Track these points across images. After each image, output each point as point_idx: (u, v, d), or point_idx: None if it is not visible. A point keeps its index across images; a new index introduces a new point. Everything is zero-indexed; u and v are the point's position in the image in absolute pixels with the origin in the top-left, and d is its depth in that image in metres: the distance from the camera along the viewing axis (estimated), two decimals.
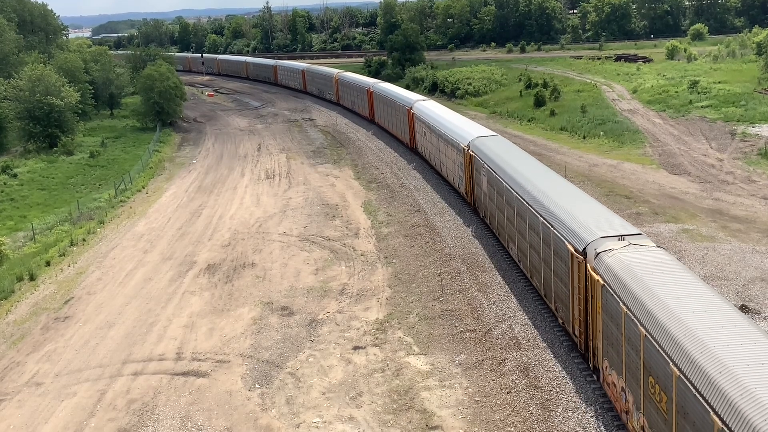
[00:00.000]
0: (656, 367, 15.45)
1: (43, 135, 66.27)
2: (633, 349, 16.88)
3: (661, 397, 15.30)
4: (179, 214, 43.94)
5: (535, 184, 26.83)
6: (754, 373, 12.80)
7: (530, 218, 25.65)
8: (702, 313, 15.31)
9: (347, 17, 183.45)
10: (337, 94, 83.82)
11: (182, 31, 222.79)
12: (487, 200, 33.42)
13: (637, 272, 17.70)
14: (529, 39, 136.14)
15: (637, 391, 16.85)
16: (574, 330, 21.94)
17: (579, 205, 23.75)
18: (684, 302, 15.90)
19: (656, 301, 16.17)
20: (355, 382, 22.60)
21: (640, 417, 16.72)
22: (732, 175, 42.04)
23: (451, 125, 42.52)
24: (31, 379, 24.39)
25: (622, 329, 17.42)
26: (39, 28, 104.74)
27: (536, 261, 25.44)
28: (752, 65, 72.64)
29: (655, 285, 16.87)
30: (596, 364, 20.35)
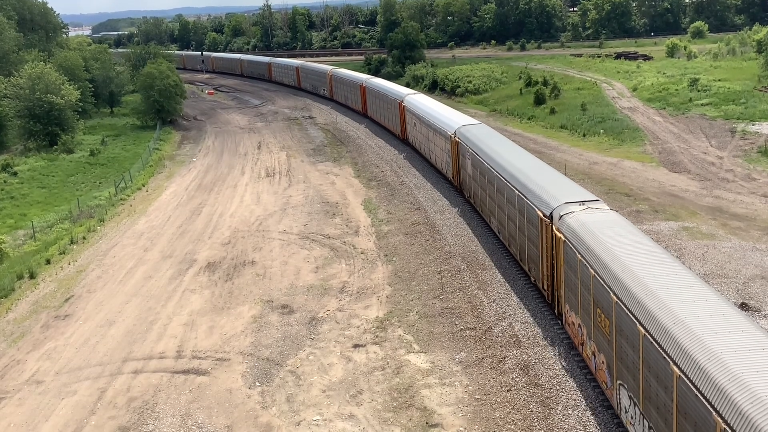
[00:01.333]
0: (601, 299, 18.93)
1: (44, 133, 66.25)
2: (585, 289, 20.21)
3: (605, 323, 18.83)
4: (179, 212, 43.95)
5: (512, 163, 30.28)
6: (667, 293, 16.38)
7: (508, 192, 29.01)
8: (637, 255, 18.76)
9: (347, 15, 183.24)
10: (331, 89, 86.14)
11: (182, 29, 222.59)
12: (471, 182, 36.70)
13: (591, 228, 21.02)
14: (530, 37, 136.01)
15: (588, 324, 20.31)
16: (543, 285, 25.14)
17: (548, 178, 27.39)
18: (624, 248, 19.26)
19: (603, 248, 19.61)
20: (356, 380, 22.62)
21: (592, 344, 20.12)
22: (732, 172, 42.03)
23: (439, 115, 45.71)
24: (32, 378, 24.41)
25: (578, 275, 20.74)
26: (39, 26, 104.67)
27: (513, 230, 28.84)
28: (752, 63, 72.58)
29: (604, 236, 20.24)
30: (560, 310, 23.58)
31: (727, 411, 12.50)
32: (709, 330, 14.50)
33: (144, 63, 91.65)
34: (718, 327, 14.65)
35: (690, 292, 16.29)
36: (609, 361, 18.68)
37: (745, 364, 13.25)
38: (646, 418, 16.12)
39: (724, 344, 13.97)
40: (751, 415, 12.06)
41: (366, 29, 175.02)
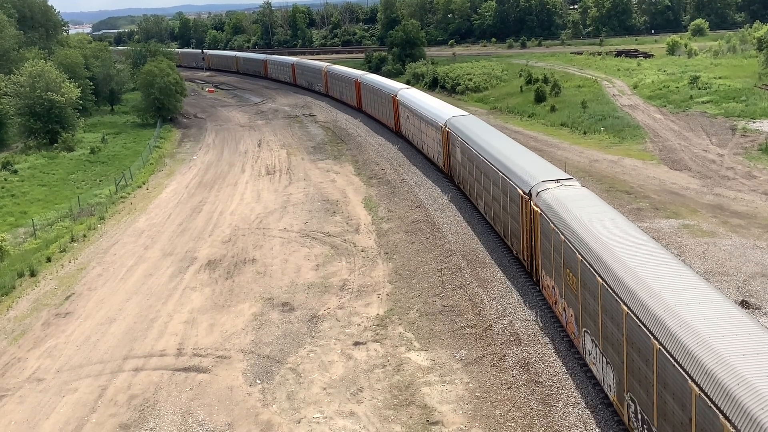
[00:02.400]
0: (570, 260, 21.60)
1: (44, 131, 66.22)
2: (557, 254, 22.96)
3: (572, 280, 21.49)
4: (180, 210, 43.95)
5: (497, 149, 33.07)
6: (621, 249, 19.15)
7: (493, 175, 31.74)
8: (600, 222, 21.44)
9: (347, 13, 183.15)
10: (326, 85, 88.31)
11: (182, 27, 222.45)
12: (460, 168, 39.33)
13: (563, 201, 23.70)
14: (530, 34, 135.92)
15: (560, 284, 23.01)
16: (523, 255, 28.02)
17: (528, 161, 30.23)
18: (590, 216, 21.98)
19: (572, 217, 22.26)
20: (356, 377, 22.63)
21: (563, 301, 22.92)
22: (733, 170, 42.01)
23: (430, 108, 48.37)
24: (33, 375, 24.43)
25: (552, 242, 23.57)
26: (39, 24, 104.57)
27: (497, 209, 31.55)
28: (753, 60, 72.52)
29: (574, 208, 22.86)
30: (538, 277, 26.27)
31: (659, 331, 15.42)
32: (650, 275, 17.35)
33: (144, 61, 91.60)
34: (655, 268, 17.67)
35: (641, 248, 19.20)
36: (576, 313, 21.42)
37: (663, 284, 16.76)
38: (604, 355, 19.13)
39: (661, 283, 16.76)
40: (665, 321, 15.40)
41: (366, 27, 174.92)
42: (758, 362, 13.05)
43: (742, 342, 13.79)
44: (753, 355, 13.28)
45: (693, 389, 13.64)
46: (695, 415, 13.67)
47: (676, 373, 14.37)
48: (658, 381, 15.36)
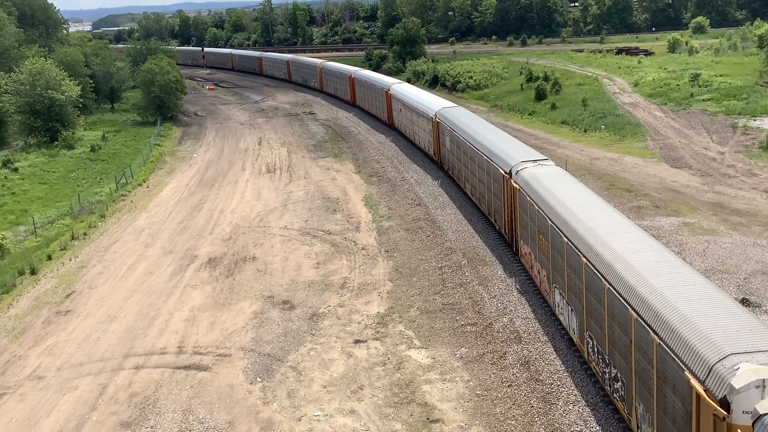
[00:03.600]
0: (542, 227, 24.63)
1: (44, 129, 66.21)
2: (533, 222, 25.99)
3: (544, 244, 24.60)
4: (180, 208, 43.95)
5: (483, 135, 36.18)
6: (584, 215, 22.24)
7: (478, 159, 34.60)
8: (569, 193, 24.70)
9: (348, 10, 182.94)
10: (321, 82, 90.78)
11: (182, 25, 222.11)
12: (449, 155, 42.44)
13: (539, 178, 26.82)
14: (530, 32, 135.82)
15: (535, 249, 26.08)
16: (504, 229, 31.08)
17: (510, 145, 33.60)
18: (561, 189, 25.18)
19: (545, 190, 25.39)
20: (357, 375, 22.64)
21: (537, 264, 25.95)
22: (733, 168, 41.99)
23: (421, 100, 51.62)
24: (33, 373, 24.44)
25: (528, 213, 26.57)
26: (39, 22, 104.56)
27: (482, 190, 34.43)
28: (754, 58, 72.52)
29: (547, 183, 26.04)
30: (517, 247, 29.35)
31: (608, 274, 18.57)
32: (606, 232, 20.54)
33: (144, 59, 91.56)
34: (610, 227, 21.08)
35: (601, 212, 22.53)
36: (548, 273, 24.40)
37: (615, 238, 20.07)
38: (570, 304, 22.12)
39: (613, 238, 20.15)
40: (613, 266, 18.67)
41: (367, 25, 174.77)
42: (682, 292, 16.30)
43: (672, 278, 17.16)
44: (680, 287, 16.54)
45: (632, 315, 16.77)
46: (634, 336, 16.83)
47: (621, 305, 17.52)
48: (608, 315, 18.53)
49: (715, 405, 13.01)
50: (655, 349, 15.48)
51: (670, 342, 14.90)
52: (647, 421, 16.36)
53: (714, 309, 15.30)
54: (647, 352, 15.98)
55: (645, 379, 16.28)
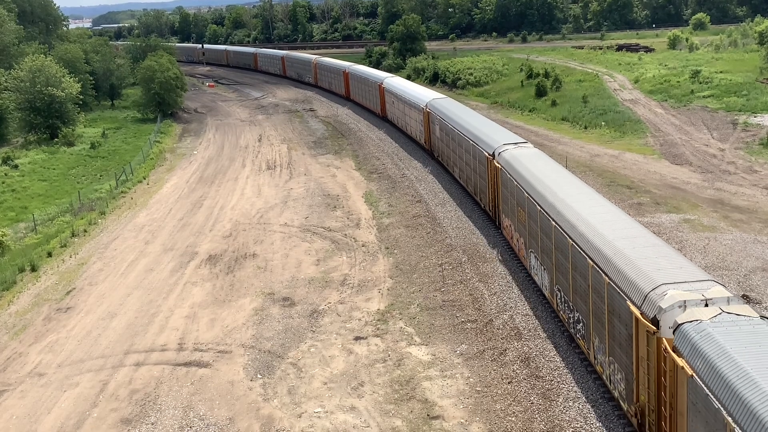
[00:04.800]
0: (521, 200, 27.44)
1: (44, 126, 66.22)
2: (512, 197, 28.88)
3: (522, 215, 27.42)
4: (180, 205, 43.95)
5: (469, 122, 39.18)
6: (557, 188, 24.91)
7: (465, 144, 37.58)
8: (544, 170, 27.61)
9: (348, 7, 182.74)
10: (316, 77, 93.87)
11: (182, 22, 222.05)
12: (438, 142, 45.56)
13: (518, 158, 29.61)
14: (531, 29, 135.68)
15: (514, 220, 28.87)
16: (488, 207, 33.90)
17: (493, 130, 36.46)
18: (537, 167, 28.04)
19: (523, 168, 28.22)
20: (357, 372, 22.66)
21: (516, 234, 28.87)
22: (734, 165, 41.97)
23: (413, 93, 54.76)
24: (34, 370, 24.46)
25: (509, 190, 29.46)
26: (39, 19, 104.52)
27: (469, 172, 37.38)
28: (754, 55, 72.39)
29: (526, 162, 28.81)
30: (499, 221, 32.18)
31: (571, 232, 21.60)
32: (570, 197, 23.75)
33: (144, 56, 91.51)
34: (577, 196, 24.04)
35: (568, 184, 25.57)
36: (525, 240, 27.36)
37: (579, 204, 23.07)
38: (542, 264, 25.08)
39: (578, 204, 22.98)
40: (575, 225, 21.65)
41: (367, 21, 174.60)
42: (629, 242, 19.43)
43: (621, 232, 20.15)
44: (628, 239, 19.64)
45: (590, 264, 19.79)
46: (591, 280, 19.74)
47: (581, 257, 20.50)
48: (572, 267, 21.43)
49: (647, 323, 16.09)
50: (606, 289, 18.56)
51: (618, 281, 17.97)
52: (602, 350, 19.50)
53: (653, 254, 18.50)
54: (600, 292, 19.04)
55: (599, 316, 19.40)
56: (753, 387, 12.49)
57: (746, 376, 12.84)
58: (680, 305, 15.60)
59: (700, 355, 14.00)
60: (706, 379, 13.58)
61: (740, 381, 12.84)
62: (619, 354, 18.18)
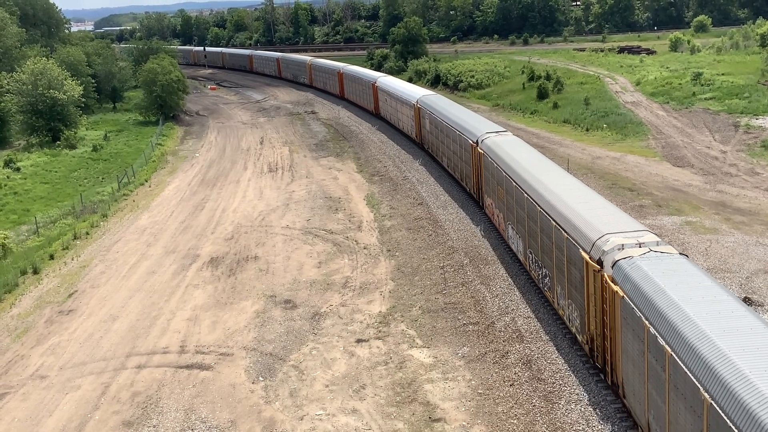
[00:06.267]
0: (501, 180, 30.80)
1: (46, 129, 66.30)
2: (494, 178, 32.40)
3: (501, 192, 30.93)
4: (182, 207, 43.98)
5: (456, 114, 43.02)
6: (533, 169, 28.23)
7: (452, 134, 41.32)
8: (522, 154, 31.24)
9: (349, 10, 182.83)
10: (311, 77, 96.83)
11: (184, 24, 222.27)
12: (428, 135, 49.07)
13: (499, 144, 33.40)
14: (532, 31, 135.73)
15: (495, 199, 32.50)
16: (473, 189, 37.36)
17: (477, 121, 40.56)
18: (515, 151, 31.71)
19: (502, 152, 31.75)
20: (359, 374, 22.65)
21: (497, 210, 32.20)
22: (735, 167, 41.94)
23: (404, 90, 58.41)
24: (36, 372, 24.48)
25: (491, 172, 32.89)
26: (41, 22, 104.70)
27: (456, 160, 40.99)
28: (756, 57, 72.40)
29: (505, 147, 32.50)
30: (482, 201, 35.66)
31: (540, 201, 25.05)
32: (540, 174, 27.42)
33: (146, 58, 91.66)
34: (547, 174, 27.52)
35: (540, 164, 29.37)
36: (504, 214, 30.85)
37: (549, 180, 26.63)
38: (517, 233, 28.59)
39: (548, 180, 26.48)
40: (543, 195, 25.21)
41: (368, 24, 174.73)
42: (583, 205, 23.04)
43: (578, 198, 23.96)
44: (583, 203, 23.34)
45: (553, 225, 23.28)
46: (554, 239, 23.29)
47: (547, 220, 23.97)
48: (540, 231, 24.85)
49: (594, 264, 19.81)
50: (565, 243, 22.12)
51: (574, 235, 21.57)
52: (563, 296, 23.00)
53: (603, 213, 22.21)
54: (561, 247, 22.59)
55: (560, 267, 22.94)
56: (664, 297, 16.22)
57: (660, 291, 16.50)
58: (619, 248, 19.16)
59: (629, 281, 17.64)
60: (633, 297, 17.22)
61: (655, 295, 16.48)
62: (575, 295, 21.77)
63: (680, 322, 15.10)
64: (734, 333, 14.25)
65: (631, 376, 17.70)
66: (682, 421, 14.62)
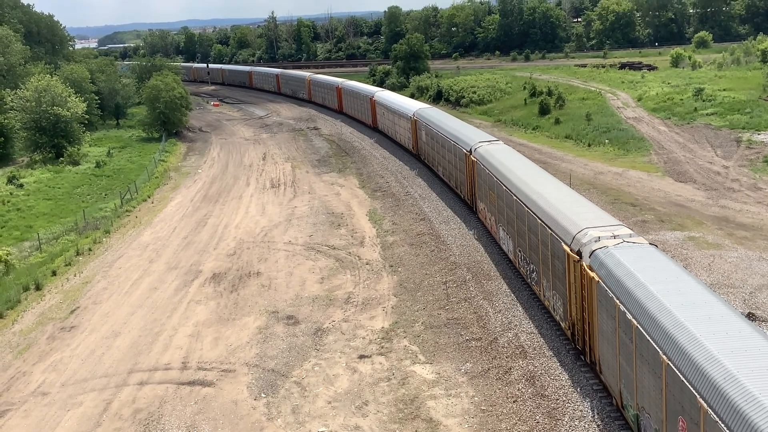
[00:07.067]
0: (493, 186, 32.79)
1: (50, 145, 66.53)
2: (486, 184, 34.46)
3: (493, 197, 33.00)
4: (185, 223, 44.03)
5: (450, 125, 45.60)
6: (523, 175, 30.33)
7: (447, 144, 43.61)
8: (511, 160, 33.66)
9: (352, 26, 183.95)
10: (310, 93, 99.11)
11: (188, 41, 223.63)
12: (425, 146, 51.46)
13: (491, 152, 35.55)
14: (534, 47, 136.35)
15: (487, 203, 34.52)
16: (467, 196, 39.60)
17: (470, 131, 42.96)
18: (505, 158, 33.96)
19: (494, 160, 33.88)
20: (361, 391, 22.56)
21: (489, 214, 34.39)
22: (738, 182, 41.93)
23: (401, 104, 61.10)
24: (38, 389, 24.41)
25: (483, 179, 35.07)
26: (45, 39, 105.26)
27: (451, 169, 43.27)
28: (757, 72, 72.51)
29: (496, 155, 34.75)
30: (476, 206, 37.84)
31: (527, 201, 27.27)
32: (528, 178, 29.74)
33: (150, 75, 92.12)
34: (535, 177, 30.03)
35: (528, 170, 31.74)
36: (495, 217, 32.93)
37: (537, 183, 28.93)
38: (508, 233, 30.60)
39: (536, 183, 28.77)
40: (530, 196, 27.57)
41: (371, 40, 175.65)
42: (565, 205, 25.09)
43: (561, 198, 26.16)
44: (567, 204, 25.36)
45: (539, 223, 25.35)
46: (540, 235, 25.30)
47: (533, 219, 26.06)
48: (528, 230, 26.95)
49: (574, 255, 21.85)
50: (549, 239, 24.24)
51: (557, 231, 23.65)
52: (548, 288, 24.96)
53: (583, 210, 24.46)
54: (546, 242, 24.61)
55: (545, 261, 25.00)
56: (633, 279, 18.21)
57: (629, 274, 18.50)
58: (596, 240, 21.23)
59: (604, 267, 19.68)
60: (606, 281, 19.22)
61: (625, 277, 18.52)
62: (558, 285, 23.77)
63: (645, 299, 17.14)
64: (690, 306, 16.35)
65: (606, 353, 19.76)
66: (647, 384, 16.68)
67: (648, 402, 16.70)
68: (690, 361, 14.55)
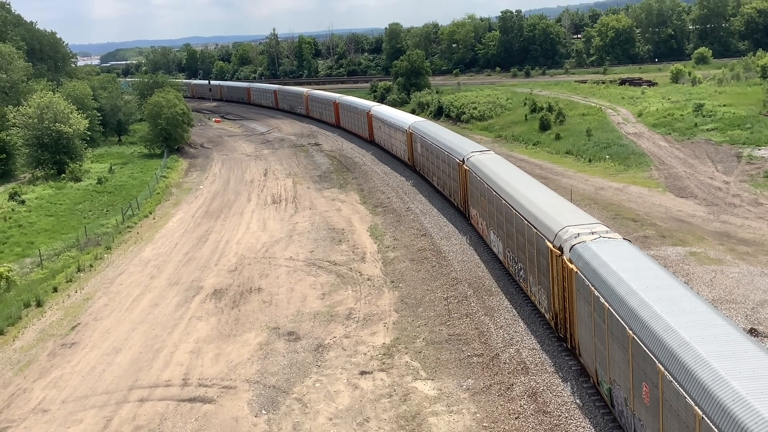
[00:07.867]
0: (484, 193, 34.87)
1: (51, 161, 66.68)
2: (478, 192, 36.49)
3: (484, 203, 35.03)
4: (186, 239, 44.03)
5: (444, 137, 47.94)
6: (513, 181, 32.29)
7: (441, 155, 46.05)
8: (502, 168, 35.78)
9: (353, 43, 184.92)
10: (307, 108, 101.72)
11: (190, 58, 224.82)
12: (420, 157, 53.73)
13: (482, 161, 37.78)
14: (534, 63, 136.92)
15: (479, 209, 36.66)
16: (460, 203, 41.70)
17: (463, 142, 45.18)
18: (496, 166, 36.13)
19: (485, 168, 36.08)
20: (362, 407, 22.47)
21: (481, 219, 36.40)
22: (739, 197, 41.95)
23: (397, 118, 63.60)
24: (38, 406, 24.32)
25: (476, 187, 37.10)
26: (48, 56, 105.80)
27: (445, 178, 45.66)
28: (757, 88, 72.79)
29: (488, 164, 36.92)
30: (468, 212, 39.90)
31: (514, 203, 29.60)
32: (516, 183, 32.10)
33: (152, 92, 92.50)
34: (526, 185, 31.96)
35: (516, 176, 34.06)
36: (486, 221, 35.07)
37: (527, 189, 30.86)
38: (498, 236, 32.58)
39: (526, 189, 30.76)
40: (518, 199, 29.72)
41: (371, 57, 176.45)
42: (548, 206, 27.41)
43: (545, 201, 28.39)
44: (551, 205, 27.76)
45: (525, 223, 27.44)
46: (526, 235, 27.35)
47: (520, 221, 28.19)
48: (516, 231, 29.06)
49: (556, 250, 23.93)
50: (535, 238, 26.35)
51: (541, 230, 25.72)
52: (534, 283, 27.01)
53: (564, 210, 26.75)
54: (532, 241, 26.76)
55: (531, 259, 27.06)
56: (606, 268, 20.26)
57: (603, 264, 20.58)
58: (576, 236, 23.24)
59: (581, 259, 21.78)
60: (583, 271, 21.30)
61: (599, 267, 20.56)
62: (543, 280, 25.71)
63: (615, 284, 19.24)
64: (655, 289, 18.45)
65: (583, 337, 21.85)
66: (617, 359, 18.71)
67: (618, 374, 18.68)
68: (651, 334, 16.61)
